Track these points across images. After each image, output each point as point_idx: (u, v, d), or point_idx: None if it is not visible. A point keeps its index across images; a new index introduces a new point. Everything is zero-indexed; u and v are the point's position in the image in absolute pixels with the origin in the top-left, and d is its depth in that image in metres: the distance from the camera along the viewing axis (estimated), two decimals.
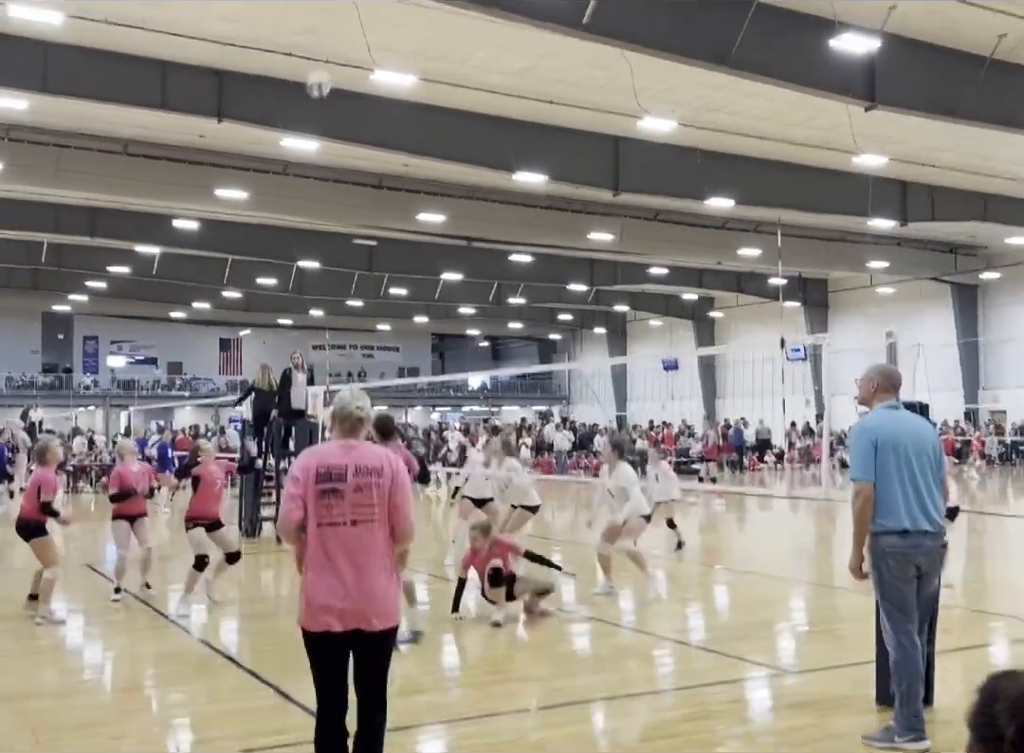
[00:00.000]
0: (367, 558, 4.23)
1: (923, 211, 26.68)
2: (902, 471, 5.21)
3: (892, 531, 5.19)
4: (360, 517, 4.24)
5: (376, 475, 4.28)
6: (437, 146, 20.56)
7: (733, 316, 45.21)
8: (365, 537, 4.23)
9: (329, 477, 4.25)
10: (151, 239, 29.37)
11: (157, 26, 15.85)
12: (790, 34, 15.76)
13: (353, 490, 4.23)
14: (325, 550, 4.22)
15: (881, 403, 5.42)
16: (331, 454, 4.34)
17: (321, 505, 4.23)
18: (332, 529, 4.22)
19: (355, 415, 4.37)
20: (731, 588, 11.33)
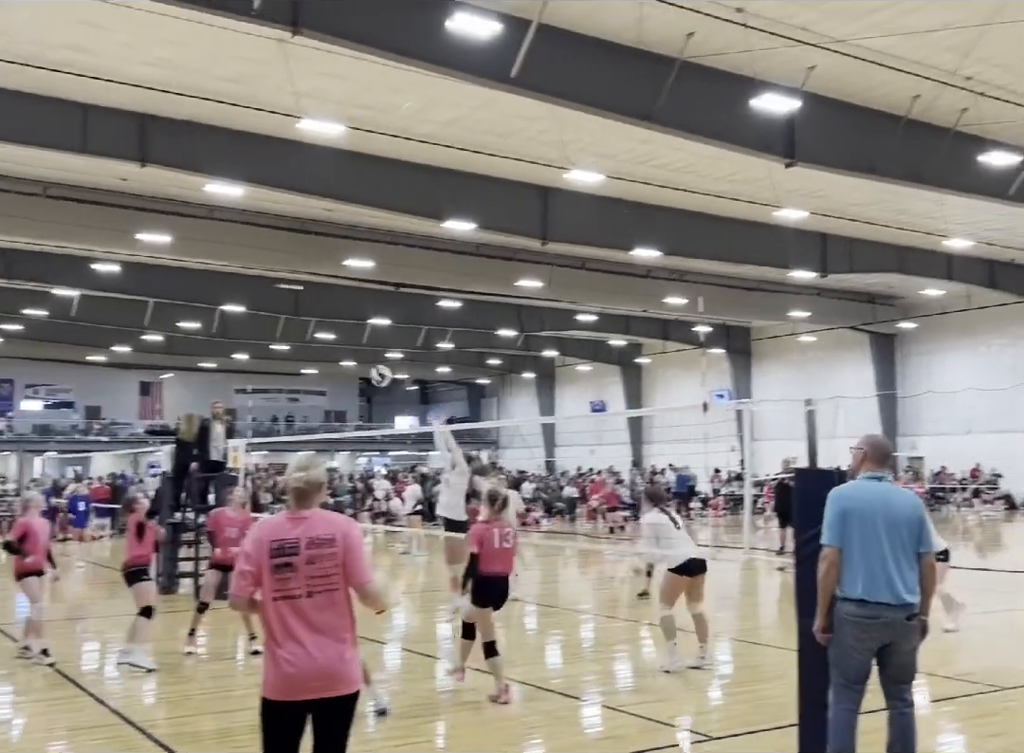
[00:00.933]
0: (325, 628, 4.27)
1: (842, 263, 27.37)
2: (868, 541, 5.29)
3: (850, 598, 5.31)
4: (315, 588, 4.27)
5: (329, 545, 4.29)
6: (365, 193, 20.51)
7: (660, 362, 45.76)
8: (321, 607, 4.27)
9: (282, 551, 4.27)
10: (70, 282, 28.71)
11: (80, 69, 15.63)
12: (713, 92, 16.10)
13: (306, 562, 4.26)
14: (283, 623, 4.25)
15: (865, 473, 5.52)
16: (282, 527, 4.35)
17: (275, 579, 4.26)
18: (288, 602, 4.25)
19: (294, 485, 4.37)
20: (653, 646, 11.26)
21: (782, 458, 21.53)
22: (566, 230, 23.06)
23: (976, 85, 16.62)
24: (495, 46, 13.83)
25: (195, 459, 15.02)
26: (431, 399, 64.46)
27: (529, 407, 52.34)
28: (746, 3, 13.89)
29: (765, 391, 40.76)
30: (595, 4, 13.93)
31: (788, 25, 14.47)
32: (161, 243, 23.02)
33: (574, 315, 36.95)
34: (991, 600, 13.27)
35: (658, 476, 38.59)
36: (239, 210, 23.33)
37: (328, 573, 4.28)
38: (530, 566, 21.20)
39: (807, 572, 6.16)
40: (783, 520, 18.45)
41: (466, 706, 8.09)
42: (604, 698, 8.32)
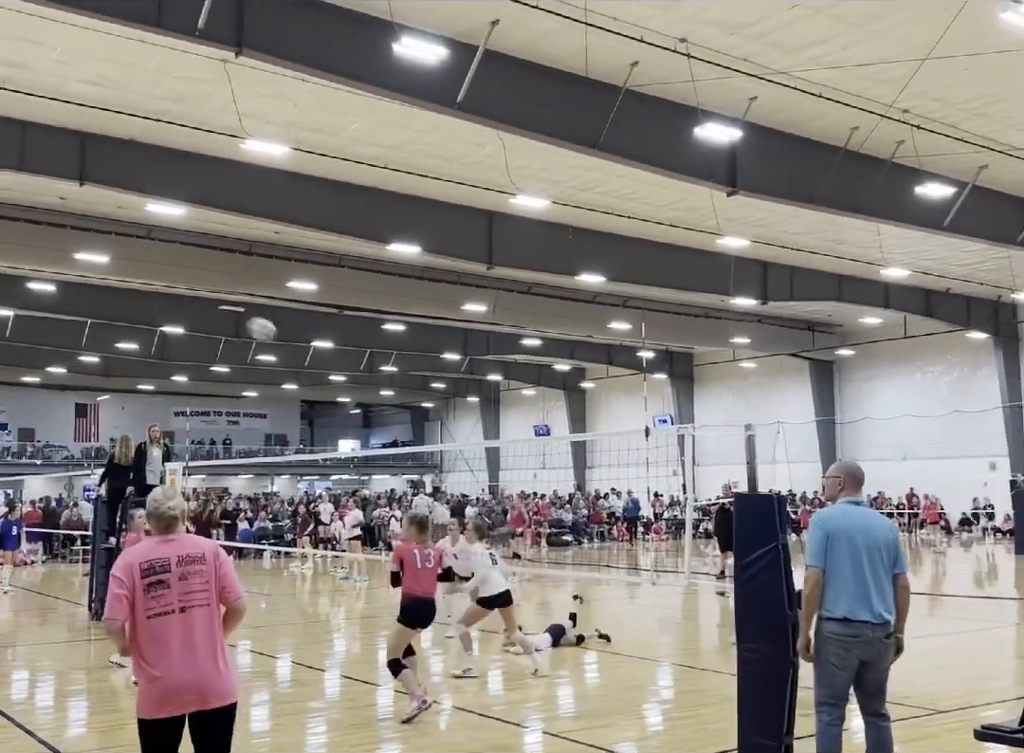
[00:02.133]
0: (199, 641, 4.42)
1: (782, 290, 27.78)
2: (848, 563, 5.52)
3: (833, 618, 5.49)
4: (188, 603, 4.44)
5: (199, 562, 4.51)
6: (309, 215, 20.39)
7: (603, 387, 45.99)
8: (195, 621, 4.43)
9: (153, 570, 4.43)
10: (4, 301, 28.10)
11: (17, 86, 15.37)
12: (657, 121, 16.31)
13: (178, 579, 4.44)
14: (157, 640, 4.37)
15: (844, 498, 5.76)
16: (151, 549, 4.52)
17: (148, 597, 4.39)
18: (161, 619, 4.39)
19: (169, 513, 4.59)
20: (597, 669, 11.24)
21: (723, 482, 21.73)
22: (511, 255, 23.13)
23: (913, 118, 17.03)
24: (442, 71, 13.87)
25: (130, 483, 14.71)
26: (374, 422, 64.09)
27: (473, 431, 52.24)
28: (689, 34, 14.10)
29: (707, 416, 41.15)
30: (540, 32, 14.04)
31: (730, 56, 14.72)
32: (99, 263, 22.64)
33: (519, 339, 37.04)
34: (928, 624, 13.45)
35: (602, 500, 38.74)
36: (180, 230, 23.05)
37: (200, 588, 4.47)
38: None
39: (747, 596, 6.20)
40: (723, 544, 18.57)
41: (408, 732, 7.98)
42: (545, 724, 8.26)
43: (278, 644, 13.12)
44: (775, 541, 6.09)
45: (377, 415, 63.46)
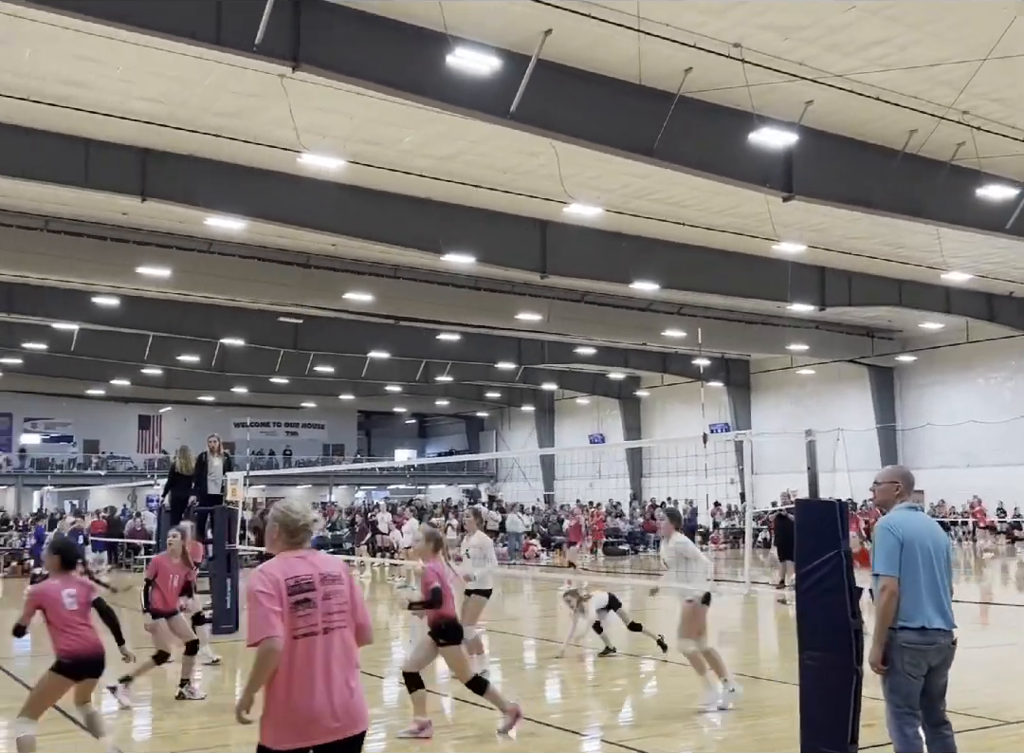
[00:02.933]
0: (342, 664, 4.24)
1: (841, 296, 27.43)
2: (922, 570, 5.43)
3: (910, 627, 5.37)
4: (330, 624, 4.26)
5: (338, 582, 4.36)
6: (365, 227, 20.58)
7: (659, 395, 45.74)
8: (337, 643, 4.25)
9: (300, 588, 4.23)
10: (70, 316, 28.76)
11: (81, 105, 15.72)
12: (711, 127, 16.21)
13: (322, 598, 4.27)
14: (300, 663, 4.15)
15: (903, 504, 5.65)
16: (293, 566, 4.31)
17: (295, 617, 4.18)
18: (308, 640, 4.18)
19: (309, 530, 4.45)
20: (655, 679, 11.17)
21: (781, 491, 21.51)
22: (565, 264, 23.12)
23: (972, 119, 16.74)
24: (495, 81, 13.93)
25: (192, 493, 14.95)
26: (430, 432, 64.38)
27: (528, 440, 52.24)
28: (743, 39, 14.02)
29: (765, 424, 40.72)
30: (593, 40, 14.05)
31: (785, 60, 14.60)
32: (161, 277, 23.07)
33: (573, 348, 36.99)
34: (991, 635, 13.17)
35: (658, 509, 38.48)
36: (239, 244, 23.41)
37: (341, 610, 4.31)
38: (530, 601, 21.08)
39: (809, 604, 6.13)
40: (783, 553, 18.36)
41: (468, 740, 8.00)
42: (604, 733, 8.22)
43: None
44: (838, 548, 6.01)
45: (433, 425, 63.75)
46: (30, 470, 45.04)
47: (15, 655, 13.33)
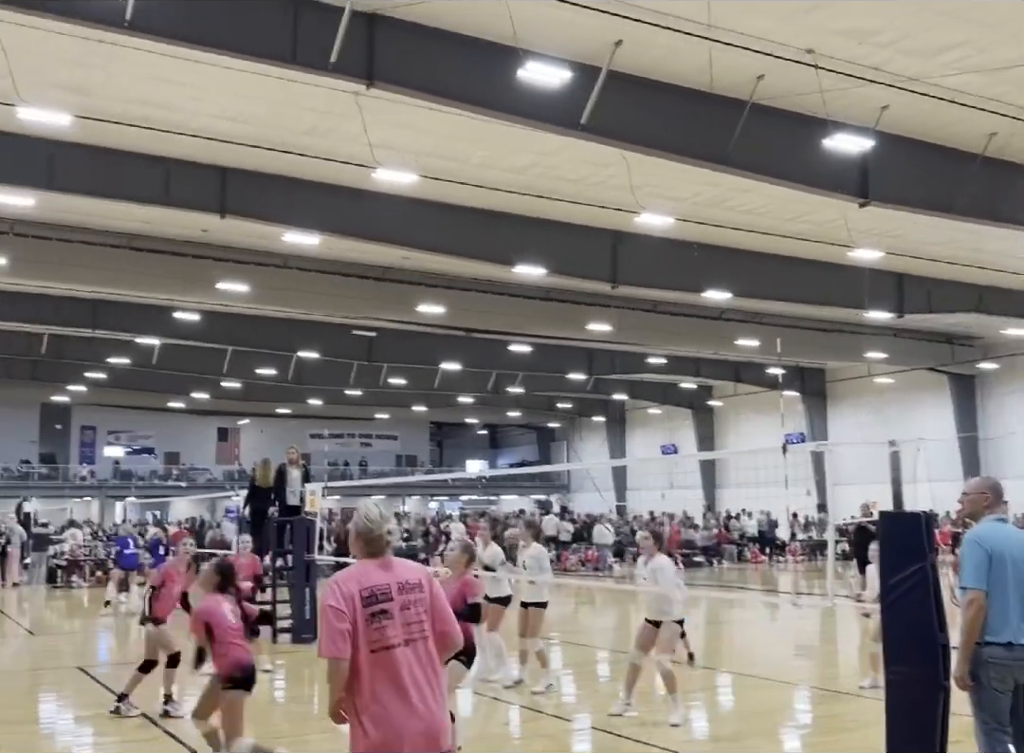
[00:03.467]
0: (425, 677, 4.06)
1: (919, 303, 26.87)
2: (1011, 584, 5.30)
3: (997, 643, 5.24)
4: (411, 636, 4.08)
5: (419, 590, 4.17)
6: (437, 240, 20.79)
7: (732, 405, 45.27)
8: (419, 656, 4.08)
9: (375, 598, 4.05)
10: (152, 331, 29.48)
11: (161, 125, 16.15)
12: (784, 133, 16.06)
13: (401, 608, 4.08)
14: (381, 678, 3.98)
15: (992, 516, 5.54)
16: (369, 575, 4.13)
17: (371, 630, 4.01)
18: (387, 653, 4.01)
19: (386, 539, 4.22)
20: (732, 693, 11.06)
21: (861, 502, 21.12)
22: (636, 273, 23.05)
23: None
24: (565, 93, 13.99)
25: (272, 504, 15.22)
26: (501, 443, 64.54)
27: (599, 450, 52.07)
28: (816, 45, 13.87)
29: (841, 434, 40.02)
30: (664, 50, 14.02)
31: (860, 65, 14.41)
32: (240, 292, 23.55)
33: (644, 358, 36.80)
34: None
35: (733, 521, 38.08)
36: (314, 258, 23.79)
37: (420, 620, 4.13)
38: (601, 611, 21.00)
39: (894, 618, 6.03)
40: (862, 565, 18.03)
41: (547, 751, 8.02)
42: (680, 746, 8.17)
43: None
44: (923, 561, 5.89)
45: (504, 435, 63.91)
46: (113, 482, 46.19)
47: (99, 662, 13.69)
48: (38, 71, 14.08)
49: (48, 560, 27.96)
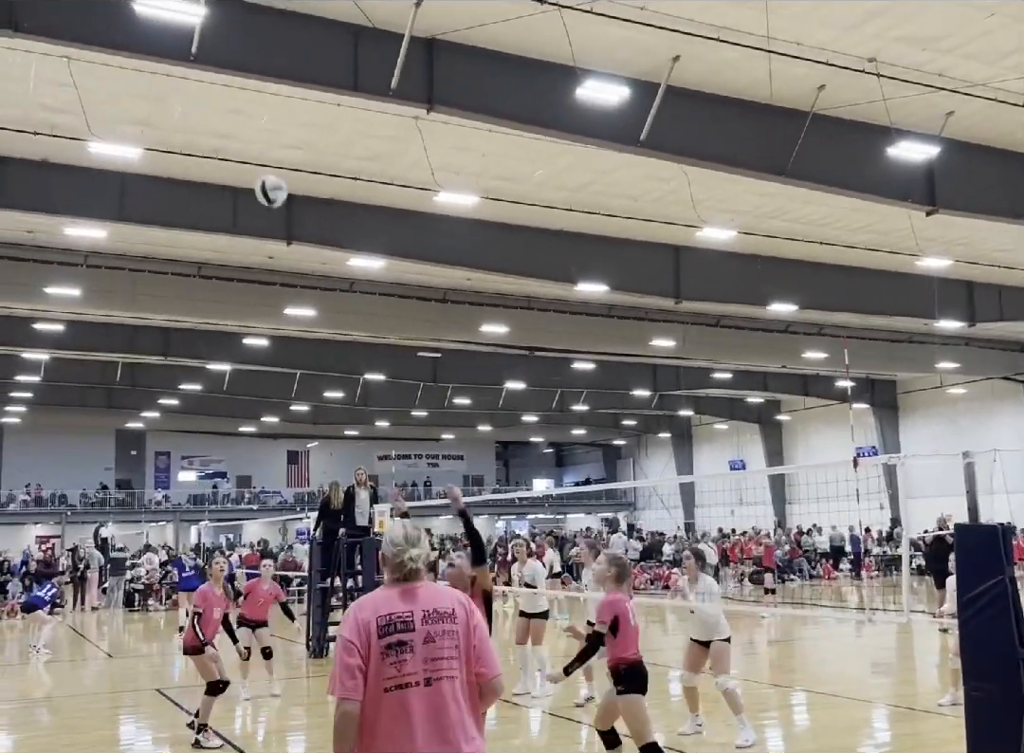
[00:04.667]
0: (447, 722, 3.49)
1: (991, 311, 26.30)
2: None
3: None
4: (436, 673, 3.53)
5: (449, 620, 3.60)
6: (499, 261, 20.90)
7: (800, 419, 44.65)
8: (443, 697, 3.51)
9: (393, 627, 3.52)
10: (222, 357, 30.05)
11: (228, 155, 16.50)
12: (847, 143, 15.88)
13: (423, 641, 3.53)
14: (393, 718, 3.45)
15: None
16: (389, 602, 3.62)
17: (387, 664, 3.48)
18: (402, 693, 3.47)
19: (413, 568, 3.70)
20: (808, 712, 10.88)
21: (936, 516, 20.69)
22: (699, 288, 22.91)
23: None
24: (624, 110, 14.02)
25: (342, 525, 15.39)
26: (567, 461, 64.40)
27: (666, 467, 51.69)
28: (878, 53, 13.72)
29: (914, 446, 39.23)
30: (722, 63, 13.98)
31: (923, 72, 14.21)
32: (307, 317, 23.91)
33: (709, 373, 36.50)
34: None
35: (805, 537, 37.46)
36: (379, 282, 24.07)
37: (450, 655, 3.55)
38: (673, 630, 20.80)
39: (973, 633, 5.91)
40: (939, 579, 17.64)
41: None
42: None
43: None
44: (1001, 574, 5.77)
45: (569, 454, 63.77)
46: (187, 506, 47.05)
47: (176, 684, 13.92)
48: (109, 106, 14.51)
49: (125, 584, 28.53)
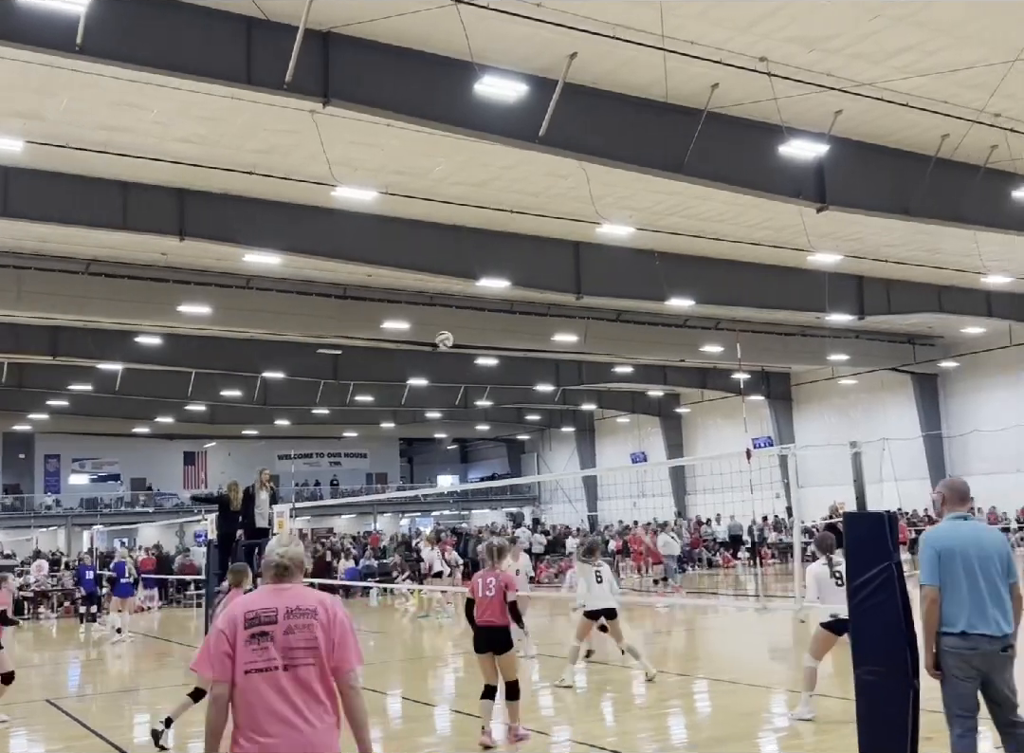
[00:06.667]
0: (304, 707, 3.92)
1: (880, 304, 27.19)
2: (963, 577, 5.58)
3: (952, 632, 5.55)
4: (292, 661, 3.96)
5: (310, 615, 4.03)
6: (400, 256, 20.75)
7: (699, 411, 45.51)
8: (300, 684, 3.94)
9: (257, 620, 4.00)
10: (113, 356, 29.16)
11: (118, 149, 16.03)
12: (741, 141, 16.20)
13: (284, 632, 3.98)
14: (254, 700, 3.91)
15: (949, 514, 5.82)
16: (258, 599, 4.12)
17: (249, 650, 3.96)
18: (262, 675, 3.93)
19: (277, 561, 4.17)
20: (710, 699, 11.07)
21: (829, 504, 21.29)
22: (600, 284, 23.14)
23: (1004, 121, 16.59)
24: (522, 107, 14.04)
25: (240, 526, 15.09)
26: (471, 457, 64.46)
27: (570, 461, 52.15)
28: (769, 52, 14.01)
29: (808, 436, 40.35)
30: (619, 61, 14.12)
31: (813, 71, 14.57)
32: (202, 314, 23.38)
33: (611, 368, 36.93)
34: None
35: (704, 526, 38.21)
36: (277, 278, 23.68)
37: (308, 646, 3.98)
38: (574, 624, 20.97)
39: (862, 617, 6.07)
40: None
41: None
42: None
43: (388, 681, 13.24)
44: (888, 560, 5.97)
45: (474, 450, 63.83)
46: (79, 510, 45.62)
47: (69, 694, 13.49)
48: None
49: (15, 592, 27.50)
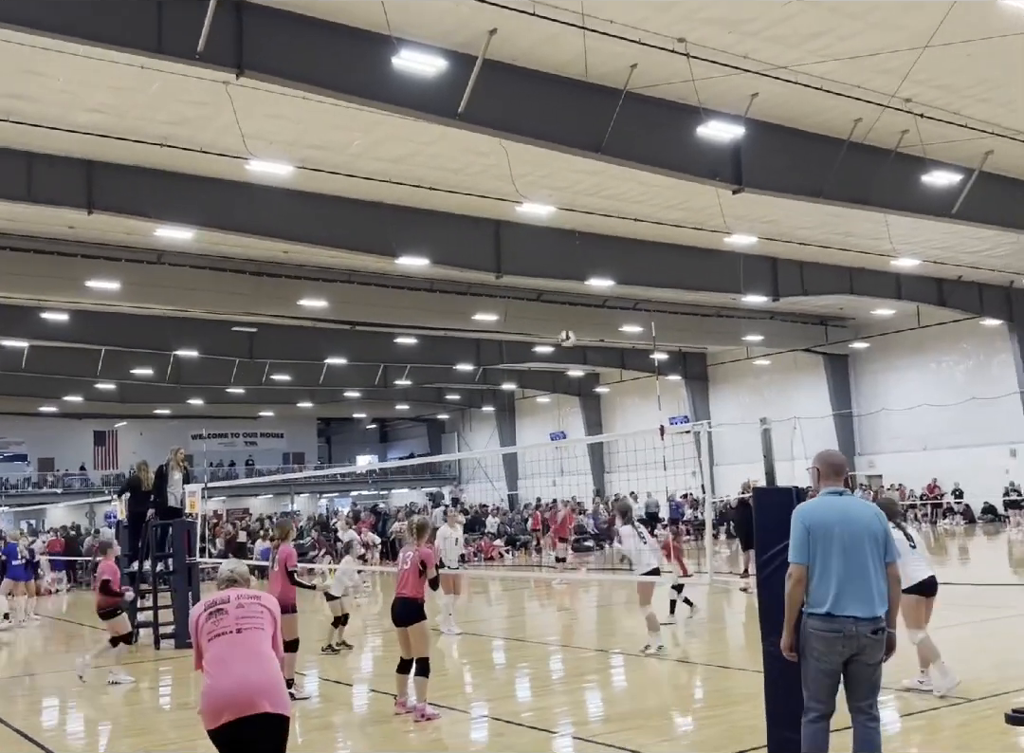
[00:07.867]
0: (254, 655, 4.93)
1: (793, 286, 27.70)
2: (832, 556, 5.32)
3: (816, 613, 5.31)
4: (244, 626, 5.02)
5: (256, 600, 5.21)
6: (317, 233, 20.45)
7: (618, 391, 45.95)
8: (251, 639, 4.98)
9: (215, 604, 5.15)
10: (18, 333, 28.27)
11: (22, 117, 15.47)
12: (659, 122, 16.30)
13: (236, 607, 5.10)
14: (217, 657, 4.89)
15: (824, 489, 5.56)
16: (216, 595, 5.25)
17: (209, 623, 5.03)
18: (219, 638, 4.96)
19: (231, 577, 5.41)
20: (625, 673, 11.21)
21: (742, 481, 21.67)
22: (520, 263, 23.13)
23: (915, 106, 16.98)
24: (442, 82, 13.92)
25: (151, 506, 14.78)
26: (391, 437, 64.17)
27: (490, 441, 52.24)
28: (687, 33, 14.10)
29: (724, 415, 41.02)
30: (539, 39, 14.07)
31: (730, 54, 14.71)
32: (111, 290, 22.77)
33: (531, 347, 37.01)
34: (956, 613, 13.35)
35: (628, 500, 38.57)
36: (190, 254, 23.16)
37: (256, 615, 5.09)
38: (496, 600, 21.07)
39: (769, 592, 6.17)
40: (745, 542, 18.51)
41: (436, 741, 7.98)
42: (575, 729, 8.24)
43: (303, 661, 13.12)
44: None
45: (393, 430, 63.54)
46: None
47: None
48: None
49: None
